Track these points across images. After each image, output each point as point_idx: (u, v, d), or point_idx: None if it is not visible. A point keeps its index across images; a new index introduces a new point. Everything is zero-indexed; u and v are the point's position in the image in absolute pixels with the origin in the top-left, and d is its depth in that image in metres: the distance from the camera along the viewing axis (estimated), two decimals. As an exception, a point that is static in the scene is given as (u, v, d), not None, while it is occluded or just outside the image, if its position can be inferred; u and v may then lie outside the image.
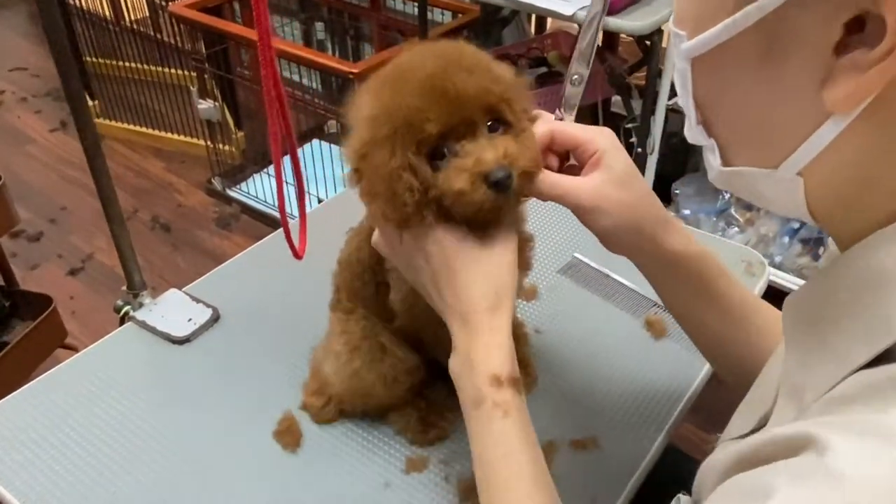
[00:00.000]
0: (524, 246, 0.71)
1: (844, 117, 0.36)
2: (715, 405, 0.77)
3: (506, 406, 0.58)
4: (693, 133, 0.46)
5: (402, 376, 0.78)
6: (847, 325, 0.39)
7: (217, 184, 2.68)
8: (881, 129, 0.35)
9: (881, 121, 0.35)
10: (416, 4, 2.20)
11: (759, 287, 1.02)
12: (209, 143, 2.60)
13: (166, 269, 2.35)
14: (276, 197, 0.83)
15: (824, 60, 0.34)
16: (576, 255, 1.06)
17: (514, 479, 0.57)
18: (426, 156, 0.60)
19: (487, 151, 0.58)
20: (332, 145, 2.47)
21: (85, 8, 2.85)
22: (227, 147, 2.69)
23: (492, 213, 0.61)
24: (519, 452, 0.57)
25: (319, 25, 2.80)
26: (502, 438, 0.58)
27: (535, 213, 1.10)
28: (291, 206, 0.86)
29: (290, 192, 0.85)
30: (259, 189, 2.56)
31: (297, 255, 0.86)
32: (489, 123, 0.60)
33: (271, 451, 0.80)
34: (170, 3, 2.44)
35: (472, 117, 0.59)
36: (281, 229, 0.89)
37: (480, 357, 0.60)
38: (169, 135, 2.93)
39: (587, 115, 2.16)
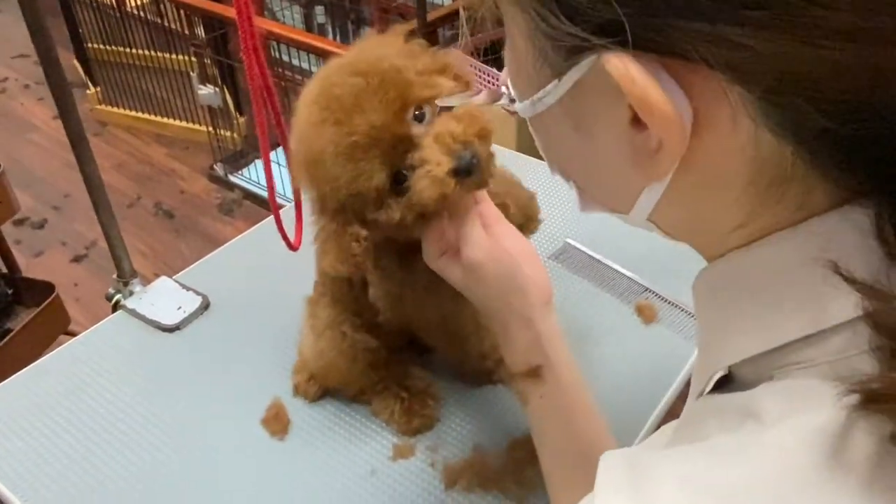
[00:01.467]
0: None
1: (659, 184, 0.36)
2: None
3: (524, 396, 0.64)
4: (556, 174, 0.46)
5: (362, 354, 0.79)
6: (700, 345, 0.42)
7: (219, 170, 2.68)
8: (697, 188, 0.35)
9: (695, 182, 0.35)
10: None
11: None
12: (210, 128, 2.59)
13: (169, 256, 2.36)
14: (279, 181, 0.83)
15: (626, 136, 0.34)
16: (568, 240, 1.05)
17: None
18: (389, 194, 0.60)
19: (438, 152, 0.58)
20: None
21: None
22: (228, 133, 2.69)
23: (475, 188, 0.62)
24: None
25: (320, 9, 2.79)
26: (530, 425, 0.65)
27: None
28: (285, 190, 0.86)
29: (285, 178, 0.85)
30: (261, 175, 2.56)
31: (293, 247, 0.86)
32: (415, 116, 0.59)
33: (259, 437, 0.80)
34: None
35: (398, 134, 0.58)
36: (272, 217, 0.90)
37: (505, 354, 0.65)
38: (171, 121, 2.93)
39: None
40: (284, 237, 0.85)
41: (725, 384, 0.38)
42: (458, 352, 0.82)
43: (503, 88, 0.50)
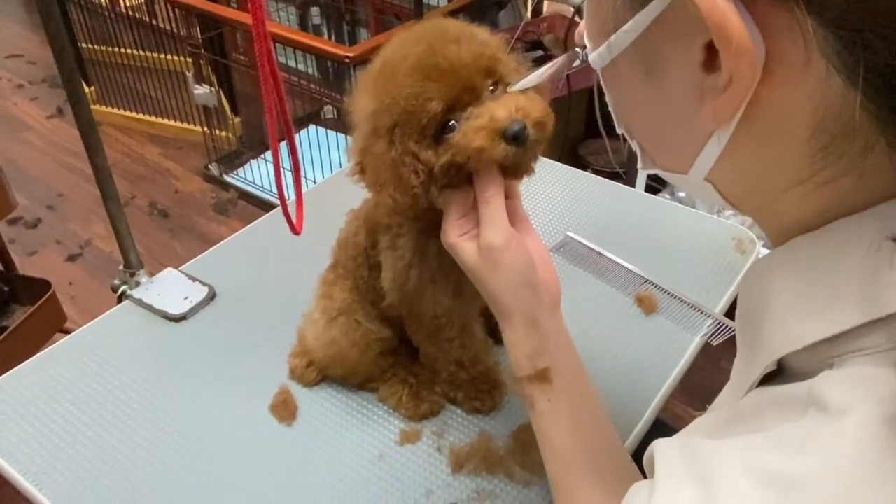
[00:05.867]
0: None
1: (724, 132, 0.36)
2: (711, 384, 0.78)
3: (531, 399, 0.63)
4: (622, 132, 0.47)
5: (374, 343, 0.80)
6: (744, 340, 0.41)
7: (214, 169, 2.68)
8: (759, 140, 0.36)
9: (757, 133, 0.35)
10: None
11: (749, 263, 1.03)
12: (206, 128, 2.60)
13: (164, 255, 2.36)
14: (273, 181, 0.84)
15: (696, 79, 0.35)
16: (568, 233, 1.07)
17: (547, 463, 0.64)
18: (433, 136, 0.60)
19: (499, 109, 0.58)
20: (329, 130, 2.47)
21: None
22: (223, 133, 2.69)
23: (512, 168, 0.62)
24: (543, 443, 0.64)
25: (315, 10, 2.80)
26: (535, 429, 0.64)
27: (528, 193, 1.12)
28: (288, 188, 0.87)
29: (287, 174, 0.86)
30: (256, 174, 2.57)
31: (295, 231, 0.87)
32: (490, 88, 0.61)
33: (267, 424, 0.81)
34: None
35: (472, 83, 0.60)
36: (276, 209, 0.90)
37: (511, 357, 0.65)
38: (166, 121, 2.93)
39: (583, 99, 2.16)
40: (289, 220, 0.86)
41: (774, 377, 0.38)
42: (436, 352, 0.81)
43: (577, 50, 0.52)
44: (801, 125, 0.33)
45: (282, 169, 0.83)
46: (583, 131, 2.35)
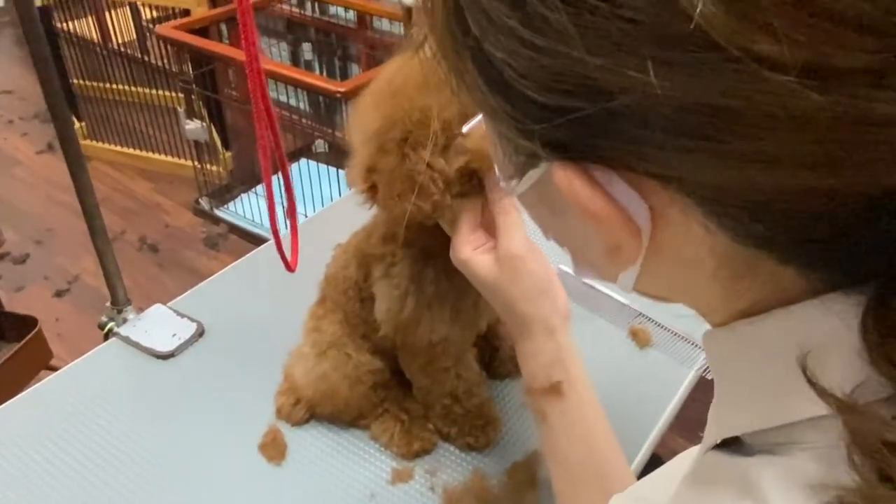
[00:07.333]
0: None
1: (633, 266, 0.36)
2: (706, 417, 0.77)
3: (542, 413, 0.63)
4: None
5: (366, 376, 0.79)
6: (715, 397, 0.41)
7: (204, 204, 2.68)
8: (671, 267, 0.35)
9: (668, 262, 0.35)
10: (403, 24, 2.22)
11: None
12: (196, 163, 2.60)
13: (153, 290, 2.34)
14: (264, 214, 0.83)
15: (589, 232, 0.34)
16: (560, 266, 1.06)
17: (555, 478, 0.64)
18: (444, 146, 0.61)
19: None
20: (320, 164, 2.48)
21: (72, 31, 2.87)
22: (214, 167, 2.69)
23: None
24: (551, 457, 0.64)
25: (307, 46, 2.82)
26: (544, 442, 0.64)
27: (520, 226, 1.11)
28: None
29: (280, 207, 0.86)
30: (247, 208, 2.56)
31: (290, 268, 0.87)
32: None
33: (256, 464, 0.79)
34: (157, 25, 2.46)
35: None
36: (267, 244, 0.89)
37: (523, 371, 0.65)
38: (156, 156, 2.93)
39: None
40: (283, 258, 0.85)
41: (734, 442, 0.38)
42: (430, 384, 0.80)
43: None
44: (703, 264, 0.33)
45: (276, 204, 0.83)
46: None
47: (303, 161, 2.55)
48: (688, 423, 0.88)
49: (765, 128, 0.25)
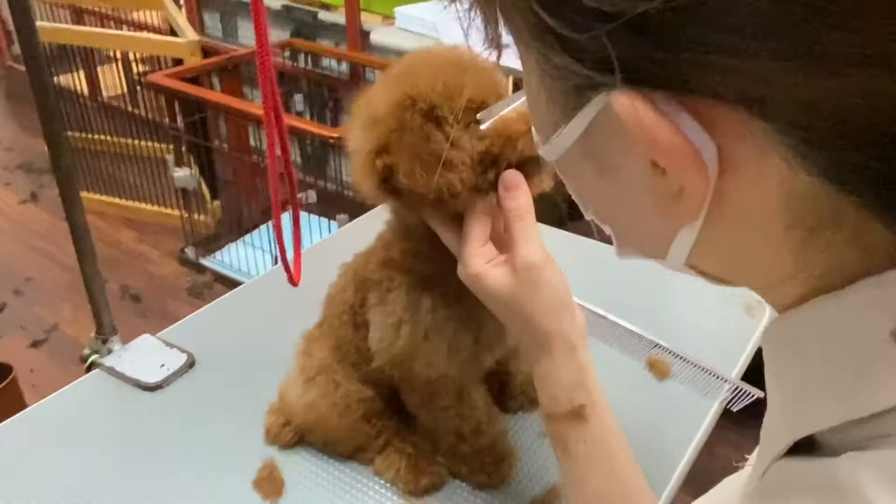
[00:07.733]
0: None
1: (693, 225, 0.32)
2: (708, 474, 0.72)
3: (563, 440, 0.59)
4: (590, 219, 0.42)
5: (355, 405, 0.74)
6: (772, 405, 0.36)
7: (190, 253, 2.62)
8: (735, 228, 0.32)
9: (731, 222, 0.31)
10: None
11: (761, 326, 0.99)
12: (183, 212, 2.56)
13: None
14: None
15: (649, 184, 0.31)
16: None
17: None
18: (465, 125, 0.58)
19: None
20: (311, 215, 2.44)
21: (62, 85, 2.86)
22: (201, 216, 2.65)
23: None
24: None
25: (298, 97, 2.82)
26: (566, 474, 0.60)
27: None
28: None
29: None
30: (234, 258, 2.51)
31: (294, 282, 0.83)
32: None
33: (251, 501, 0.73)
34: (147, 75, 2.45)
35: (497, 86, 0.60)
36: (260, 277, 0.85)
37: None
38: (142, 205, 2.89)
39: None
40: (287, 270, 0.81)
41: (804, 446, 0.33)
42: (433, 422, 0.74)
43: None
44: (775, 218, 0.29)
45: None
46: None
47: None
48: (687, 479, 0.82)
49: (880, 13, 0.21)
